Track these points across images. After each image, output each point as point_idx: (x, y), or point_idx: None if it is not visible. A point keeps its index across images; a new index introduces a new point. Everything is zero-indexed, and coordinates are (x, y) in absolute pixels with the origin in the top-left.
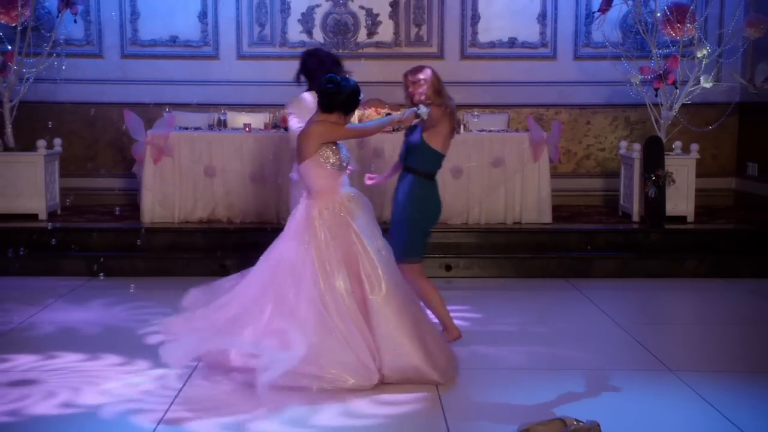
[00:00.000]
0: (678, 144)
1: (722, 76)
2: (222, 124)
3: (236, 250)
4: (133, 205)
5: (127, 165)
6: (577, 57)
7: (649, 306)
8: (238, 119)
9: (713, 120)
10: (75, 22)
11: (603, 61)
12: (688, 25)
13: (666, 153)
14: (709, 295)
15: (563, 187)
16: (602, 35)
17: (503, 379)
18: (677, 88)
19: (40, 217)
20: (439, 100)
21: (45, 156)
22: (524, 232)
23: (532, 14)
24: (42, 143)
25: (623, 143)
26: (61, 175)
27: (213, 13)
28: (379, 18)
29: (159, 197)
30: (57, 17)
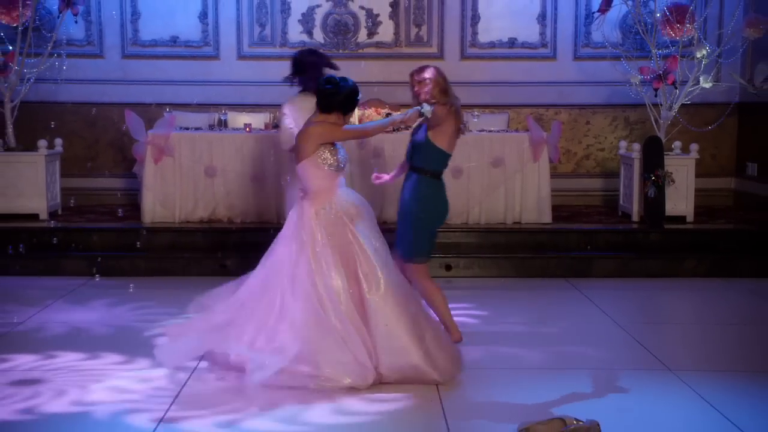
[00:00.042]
0: (677, 144)
1: (722, 77)
2: (222, 125)
3: (237, 250)
4: (133, 205)
5: (127, 165)
6: (576, 57)
7: (649, 306)
8: (239, 119)
9: (713, 120)
10: (76, 22)
11: (603, 61)
12: (688, 25)
13: (665, 153)
14: (708, 295)
15: (563, 187)
16: (602, 35)
17: (503, 378)
18: (677, 88)
19: (41, 217)
20: (444, 99)
21: (46, 156)
22: (524, 232)
23: (532, 14)
24: (43, 143)
25: (623, 143)
26: (62, 175)
27: (213, 14)
28: (379, 18)
29: (160, 197)
30: (58, 17)
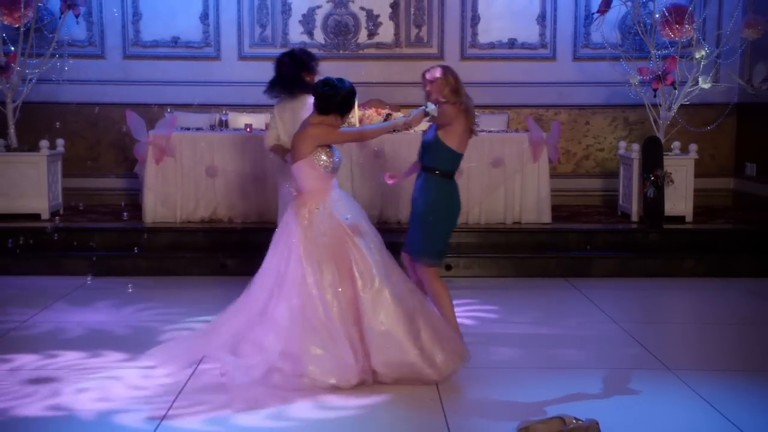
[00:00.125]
0: (677, 144)
1: (720, 77)
2: (223, 125)
3: (237, 250)
4: (135, 205)
5: (129, 165)
6: (576, 58)
7: (648, 305)
8: (240, 120)
9: (712, 120)
10: (77, 23)
11: (602, 62)
12: (687, 26)
13: (665, 153)
14: (707, 295)
15: (563, 187)
16: (601, 36)
17: (503, 377)
18: (676, 88)
19: (42, 217)
20: (454, 99)
21: (48, 156)
22: (524, 231)
23: (532, 15)
24: (45, 143)
25: (622, 143)
26: (64, 175)
27: (214, 15)
28: (379, 19)
29: (161, 197)
30: (59, 18)
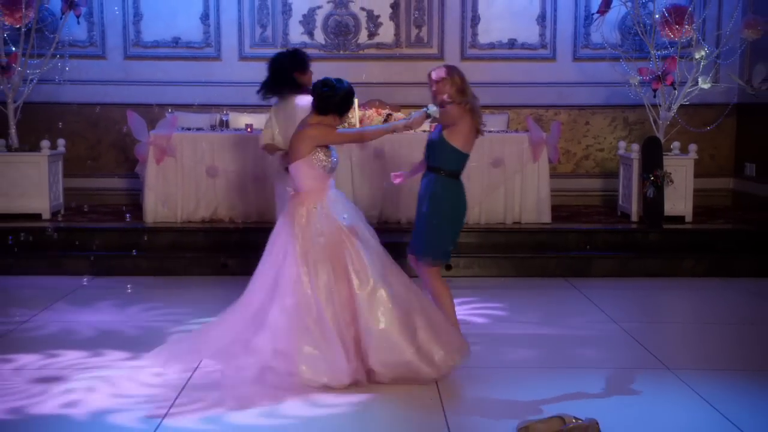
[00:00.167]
0: (676, 144)
1: (720, 77)
2: (224, 125)
3: (238, 250)
4: (135, 205)
5: (130, 165)
6: (576, 58)
7: (648, 305)
8: (240, 120)
9: (711, 121)
10: (78, 23)
11: (602, 62)
12: (687, 26)
13: (664, 153)
14: (707, 295)
15: (562, 187)
16: (601, 36)
17: (502, 376)
18: (675, 89)
19: (43, 217)
20: (460, 99)
21: (49, 156)
22: (524, 231)
23: (532, 16)
24: (46, 144)
25: (622, 144)
26: (65, 175)
27: (215, 15)
28: (379, 19)
29: (161, 197)
30: (60, 19)
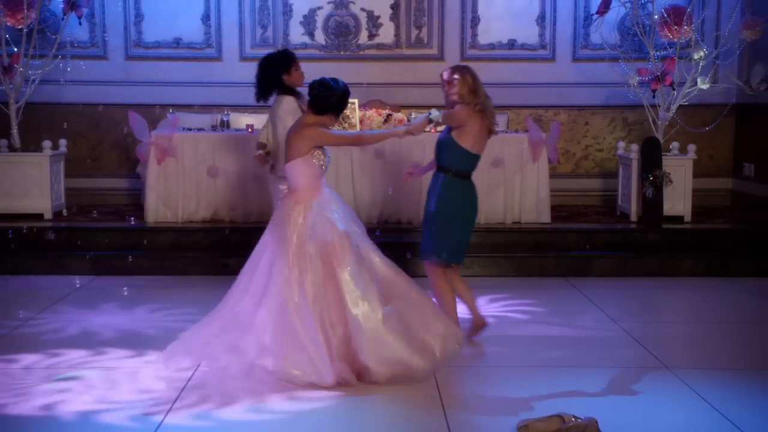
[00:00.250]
0: (675, 145)
1: (719, 78)
2: (225, 125)
3: (238, 250)
4: (136, 205)
5: (131, 165)
6: (575, 59)
7: (647, 304)
8: (241, 120)
9: (710, 121)
10: (80, 24)
11: (601, 62)
12: (685, 27)
13: (663, 153)
14: (706, 294)
15: (562, 187)
16: (600, 37)
17: (502, 375)
18: (674, 89)
19: (45, 217)
20: (471, 99)
21: (50, 156)
22: (523, 231)
23: (531, 16)
24: (47, 144)
25: (621, 144)
26: (66, 175)
27: (216, 16)
28: (380, 20)
29: (162, 197)
30: (62, 20)
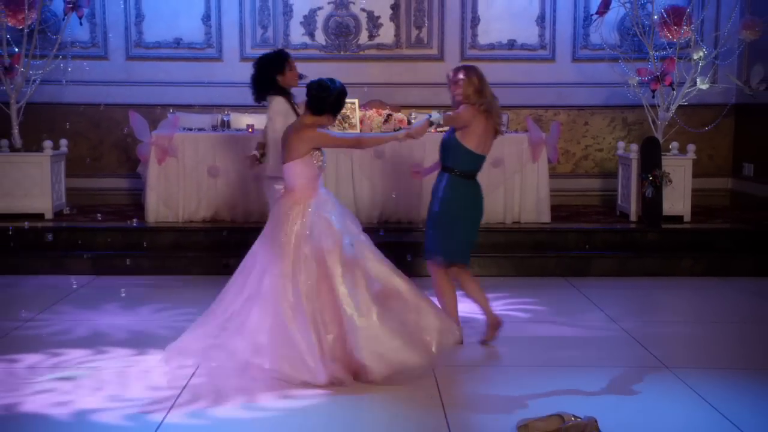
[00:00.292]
0: (675, 144)
1: (718, 78)
2: (225, 125)
3: (239, 250)
4: (137, 205)
5: (131, 165)
6: (575, 59)
7: (647, 304)
8: (241, 120)
9: (709, 121)
10: (81, 24)
11: (601, 62)
12: (685, 27)
13: (663, 153)
14: (705, 294)
15: (562, 187)
16: (600, 37)
17: (502, 374)
18: (674, 89)
19: (46, 217)
20: (477, 99)
21: (51, 156)
22: (523, 231)
23: (531, 17)
24: (48, 144)
25: (621, 144)
26: (67, 175)
27: (216, 16)
28: (380, 20)
29: (163, 197)
30: (63, 20)
